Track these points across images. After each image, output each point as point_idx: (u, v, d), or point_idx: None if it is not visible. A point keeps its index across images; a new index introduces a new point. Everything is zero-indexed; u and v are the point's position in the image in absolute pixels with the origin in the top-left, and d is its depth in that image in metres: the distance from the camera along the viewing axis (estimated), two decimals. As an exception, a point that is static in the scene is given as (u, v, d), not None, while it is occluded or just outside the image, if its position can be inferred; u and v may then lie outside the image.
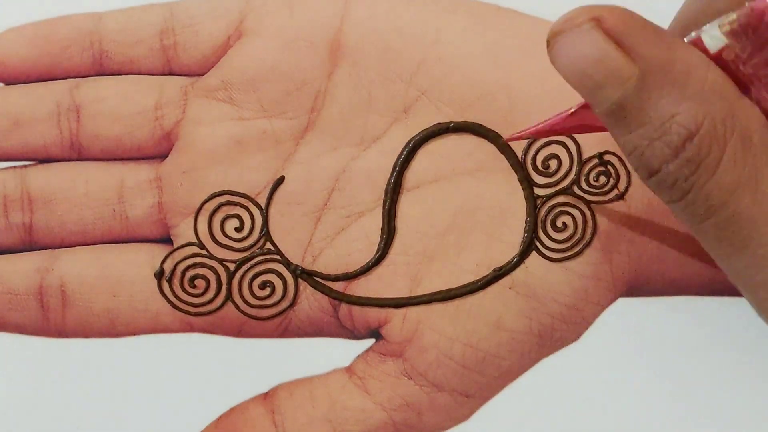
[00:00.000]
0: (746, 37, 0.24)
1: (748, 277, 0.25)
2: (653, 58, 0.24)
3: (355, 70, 0.34)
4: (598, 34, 0.24)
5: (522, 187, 0.33)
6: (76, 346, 0.34)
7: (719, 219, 0.25)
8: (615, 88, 0.25)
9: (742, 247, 0.25)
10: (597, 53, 0.24)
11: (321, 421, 0.33)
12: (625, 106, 0.25)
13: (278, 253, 0.34)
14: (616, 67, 0.24)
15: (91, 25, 0.34)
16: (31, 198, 0.34)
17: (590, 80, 0.25)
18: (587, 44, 0.25)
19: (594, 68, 0.25)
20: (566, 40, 0.25)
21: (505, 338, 0.33)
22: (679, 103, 0.24)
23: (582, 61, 0.25)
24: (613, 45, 0.24)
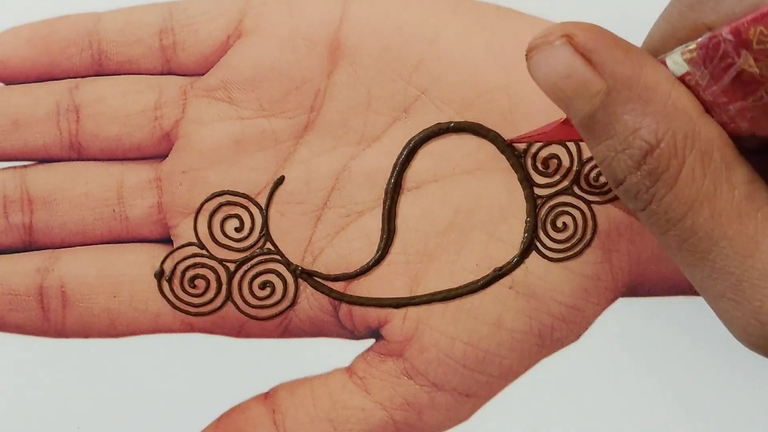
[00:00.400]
0: (704, 67, 0.25)
1: (708, 287, 0.26)
2: (620, 74, 0.25)
3: (355, 69, 0.34)
4: (567, 51, 0.26)
5: (522, 187, 0.33)
6: (76, 346, 0.34)
7: (679, 231, 0.26)
8: (584, 102, 0.26)
9: (702, 259, 0.26)
10: (566, 69, 0.26)
11: (322, 420, 0.33)
12: (593, 119, 0.26)
13: (278, 253, 0.34)
14: (585, 82, 0.26)
15: (91, 25, 0.34)
16: (31, 198, 0.34)
17: (562, 93, 0.26)
18: (558, 60, 0.26)
19: (564, 83, 0.26)
20: (540, 56, 0.26)
21: (505, 338, 0.33)
22: (643, 118, 0.25)
23: (553, 75, 0.26)
24: (581, 61, 0.26)
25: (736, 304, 0.25)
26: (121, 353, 0.34)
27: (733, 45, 0.24)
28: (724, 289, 0.25)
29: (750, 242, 0.25)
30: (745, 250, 0.25)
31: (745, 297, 0.25)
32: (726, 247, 0.25)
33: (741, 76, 0.24)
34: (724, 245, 0.25)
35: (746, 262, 0.25)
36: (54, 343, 0.34)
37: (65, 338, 0.34)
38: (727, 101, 0.25)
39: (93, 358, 0.34)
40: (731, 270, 0.25)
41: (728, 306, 0.25)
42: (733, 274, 0.25)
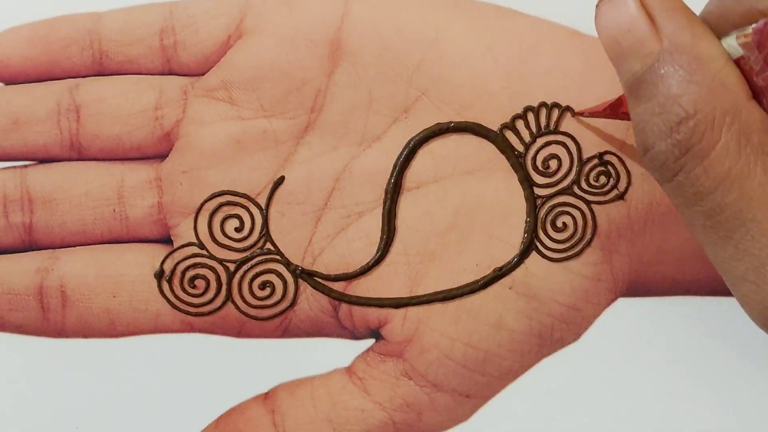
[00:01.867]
0: (759, 52, 0.25)
1: (729, 268, 0.26)
2: (678, 39, 0.25)
3: (355, 69, 0.34)
4: (634, 5, 0.26)
5: (522, 187, 0.33)
6: (76, 346, 0.34)
7: (705, 207, 0.25)
8: (637, 60, 0.26)
9: (727, 238, 0.25)
10: (629, 23, 0.26)
11: (321, 421, 0.33)
12: (642, 80, 0.26)
13: (278, 253, 0.34)
14: (642, 39, 0.26)
15: (91, 25, 0.34)
16: (31, 198, 0.34)
17: (618, 48, 0.26)
18: (623, 12, 0.26)
19: (623, 36, 0.26)
20: (608, 5, 0.27)
21: (505, 338, 0.33)
22: (687, 86, 0.25)
23: (616, 28, 0.26)
24: (645, 18, 0.26)
25: (756, 287, 0.25)
26: (121, 353, 0.34)
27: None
28: (745, 270, 0.25)
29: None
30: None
31: (766, 281, 0.25)
32: (752, 229, 0.25)
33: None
34: (751, 227, 0.25)
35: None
36: (54, 343, 0.34)
37: (65, 338, 0.34)
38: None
39: (93, 358, 0.34)
40: (755, 252, 0.25)
41: (748, 289, 0.25)
42: (757, 257, 0.25)
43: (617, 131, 0.33)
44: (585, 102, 0.33)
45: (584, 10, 0.35)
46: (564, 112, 0.33)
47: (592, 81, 0.33)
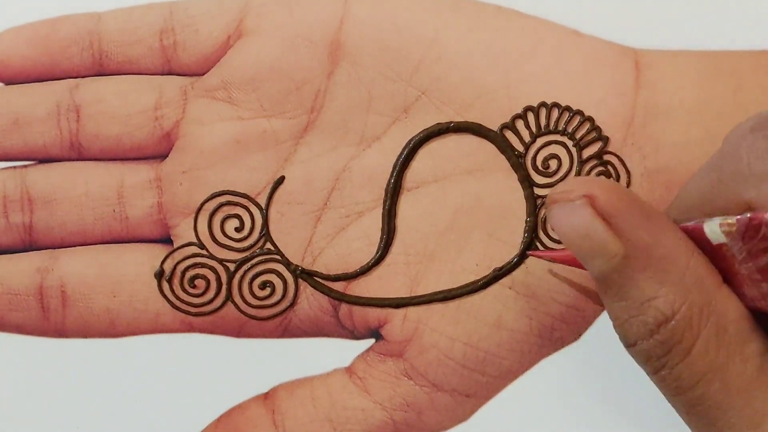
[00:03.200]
0: (743, 243, 0.25)
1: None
2: (639, 240, 0.26)
3: (355, 69, 0.34)
4: (587, 211, 0.26)
5: (522, 187, 0.33)
6: (76, 346, 0.34)
7: (688, 398, 0.26)
8: (601, 262, 0.26)
9: (709, 425, 0.26)
10: (585, 228, 0.26)
11: (321, 420, 0.33)
12: (609, 279, 0.26)
13: (278, 253, 0.34)
14: (603, 243, 0.26)
15: (91, 25, 0.34)
16: (31, 198, 0.34)
17: (579, 250, 0.26)
18: (577, 218, 0.26)
19: (582, 241, 0.26)
20: (560, 211, 0.27)
21: (505, 338, 0.33)
22: (659, 287, 0.26)
23: (572, 232, 0.26)
24: (600, 223, 0.26)
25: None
26: (121, 353, 0.34)
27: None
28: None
29: (757, 415, 0.25)
30: (752, 422, 0.25)
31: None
32: (733, 417, 0.25)
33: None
34: (732, 415, 0.25)
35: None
36: (54, 343, 0.34)
37: (65, 338, 0.34)
38: (761, 279, 0.25)
39: (93, 358, 0.34)
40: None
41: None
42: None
43: (617, 132, 0.33)
44: (585, 102, 0.33)
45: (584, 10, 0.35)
46: (564, 112, 0.33)
47: (592, 81, 0.33)
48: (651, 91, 0.33)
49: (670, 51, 0.34)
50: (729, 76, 0.33)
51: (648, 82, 0.33)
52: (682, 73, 0.33)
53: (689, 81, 0.33)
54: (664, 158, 0.33)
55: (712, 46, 0.34)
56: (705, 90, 0.33)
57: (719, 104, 0.33)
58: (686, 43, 0.34)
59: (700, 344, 0.25)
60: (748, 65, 0.33)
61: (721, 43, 0.34)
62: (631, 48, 0.34)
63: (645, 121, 0.33)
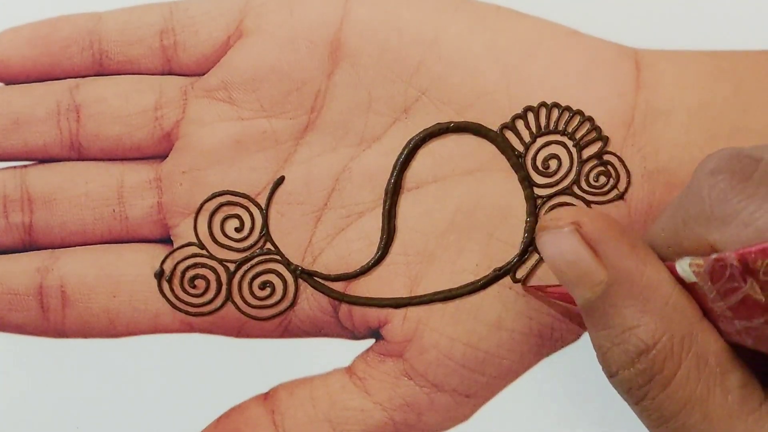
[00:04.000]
0: (711, 283, 0.25)
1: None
2: (623, 268, 0.26)
3: (355, 69, 0.34)
4: (575, 238, 0.27)
5: (522, 187, 0.33)
6: (76, 346, 0.34)
7: (670, 428, 0.26)
8: (585, 289, 0.27)
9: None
10: (572, 255, 0.27)
11: (321, 421, 0.33)
12: (593, 307, 0.27)
13: (278, 253, 0.34)
14: (588, 270, 0.26)
15: (91, 25, 0.34)
16: (31, 198, 0.34)
17: (565, 277, 0.27)
18: (564, 245, 0.27)
19: (568, 267, 0.27)
20: (548, 237, 0.27)
21: (505, 338, 0.33)
22: (641, 315, 0.26)
23: (559, 258, 0.27)
24: (586, 250, 0.27)
25: None
26: (121, 353, 0.34)
27: (739, 271, 0.24)
28: None
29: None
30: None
31: None
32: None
33: (747, 300, 0.25)
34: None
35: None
36: (54, 343, 0.34)
37: (65, 338, 0.34)
38: (733, 317, 0.25)
39: (93, 358, 0.34)
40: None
41: None
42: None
43: (617, 132, 0.33)
44: (584, 102, 0.33)
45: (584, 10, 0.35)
46: (564, 112, 0.33)
47: (592, 81, 0.33)
48: (651, 91, 0.33)
49: (670, 51, 0.34)
50: (729, 76, 0.33)
51: (648, 82, 0.33)
52: (682, 73, 0.33)
53: (689, 81, 0.33)
54: (664, 158, 0.33)
55: (712, 46, 0.34)
56: (705, 90, 0.33)
57: (719, 104, 0.33)
58: (686, 43, 0.34)
59: (681, 374, 0.26)
60: (748, 65, 0.33)
61: (721, 43, 0.34)
62: (631, 48, 0.34)
63: (645, 121, 0.33)
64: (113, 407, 0.34)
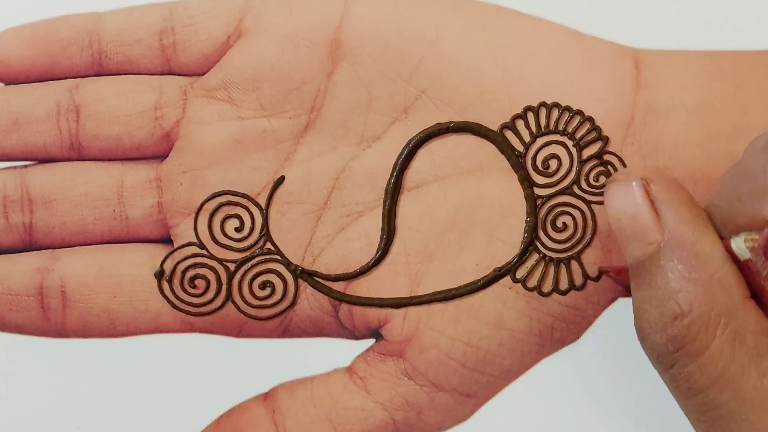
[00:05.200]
0: (765, 259, 0.26)
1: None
2: (678, 234, 0.26)
3: (355, 69, 0.34)
4: (640, 194, 0.27)
5: (522, 186, 0.33)
6: (76, 346, 0.34)
7: (699, 402, 0.26)
8: (639, 246, 0.27)
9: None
10: (633, 210, 0.27)
11: (322, 420, 0.33)
12: (642, 266, 0.27)
13: (278, 253, 0.34)
14: (645, 228, 0.27)
15: (91, 25, 0.34)
16: (31, 198, 0.34)
17: (623, 231, 0.27)
18: (629, 199, 0.27)
19: (627, 222, 0.27)
20: (616, 189, 0.28)
21: (505, 337, 0.33)
22: (685, 283, 0.26)
23: (621, 211, 0.27)
24: (649, 208, 0.27)
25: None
26: (121, 353, 0.34)
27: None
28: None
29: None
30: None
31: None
32: (745, 429, 0.25)
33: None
34: (744, 427, 0.25)
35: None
36: (54, 343, 0.34)
37: (65, 338, 0.34)
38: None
39: (93, 358, 0.34)
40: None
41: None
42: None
43: (617, 132, 0.33)
44: (584, 102, 0.33)
45: (584, 10, 0.35)
46: (564, 112, 0.33)
47: (592, 81, 0.33)
48: (651, 91, 0.33)
49: (670, 51, 0.34)
50: (729, 76, 0.33)
51: (648, 82, 0.33)
52: (682, 73, 0.33)
53: (689, 81, 0.33)
54: (664, 158, 0.33)
55: (712, 46, 0.34)
56: (705, 90, 0.33)
57: (719, 104, 0.33)
58: (686, 43, 0.34)
59: (714, 348, 0.26)
60: (748, 65, 0.33)
61: (721, 43, 0.34)
62: (631, 48, 0.34)
63: (645, 120, 0.33)
64: (113, 407, 0.34)
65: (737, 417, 0.25)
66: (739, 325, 0.26)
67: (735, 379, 0.25)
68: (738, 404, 0.25)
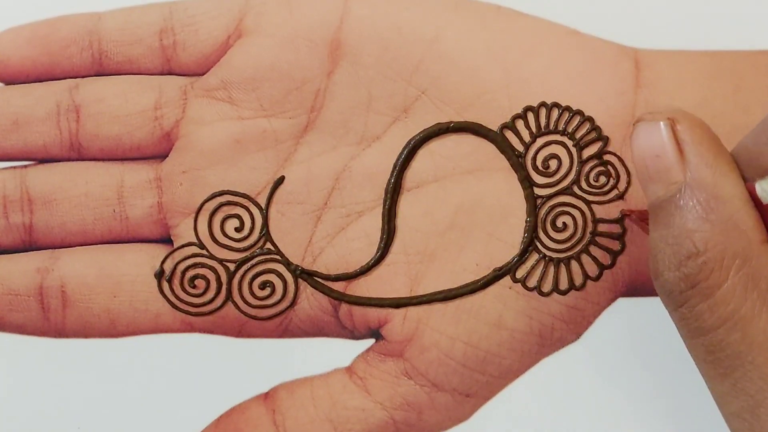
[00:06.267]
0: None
1: (725, 402, 0.26)
2: (700, 175, 0.26)
3: (355, 69, 0.34)
4: (666, 133, 0.27)
5: (522, 187, 0.33)
6: (76, 346, 0.34)
7: (707, 342, 0.26)
8: (660, 186, 0.27)
9: (725, 375, 0.26)
10: (659, 149, 0.27)
11: (322, 420, 0.33)
12: (662, 206, 0.27)
13: (278, 253, 0.34)
14: (669, 168, 0.27)
15: (91, 25, 0.34)
16: (31, 198, 0.34)
17: (646, 171, 0.27)
18: (654, 137, 0.27)
19: (652, 161, 0.27)
20: (642, 127, 0.27)
21: (505, 337, 0.33)
22: (702, 223, 0.26)
23: (647, 150, 0.27)
24: (674, 147, 0.27)
25: (749, 425, 0.26)
26: (121, 353, 0.34)
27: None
28: (740, 408, 0.26)
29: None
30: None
31: (760, 422, 0.25)
32: (751, 371, 0.25)
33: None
34: (750, 369, 0.25)
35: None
36: (54, 343, 0.34)
37: (65, 338, 0.34)
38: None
39: (93, 358, 0.34)
40: (751, 393, 0.25)
41: (742, 426, 0.26)
42: (753, 398, 0.25)
43: (617, 132, 0.33)
44: (584, 102, 0.33)
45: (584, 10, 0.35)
46: (564, 112, 0.33)
47: (592, 81, 0.33)
48: (651, 91, 0.33)
49: (670, 51, 0.34)
50: (729, 76, 0.33)
51: (648, 82, 0.33)
52: (682, 73, 0.33)
53: (689, 81, 0.33)
54: (664, 158, 0.33)
55: (712, 46, 0.34)
56: (705, 90, 0.33)
57: (719, 104, 0.33)
58: (686, 43, 0.34)
59: (726, 289, 0.26)
60: (748, 65, 0.33)
61: (721, 43, 0.34)
62: (631, 48, 0.34)
63: (645, 120, 0.33)
64: (113, 407, 0.34)
65: (744, 359, 0.25)
66: (754, 268, 0.26)
67: (745, 321, 0.25)
68: (746, 346, 0.25)
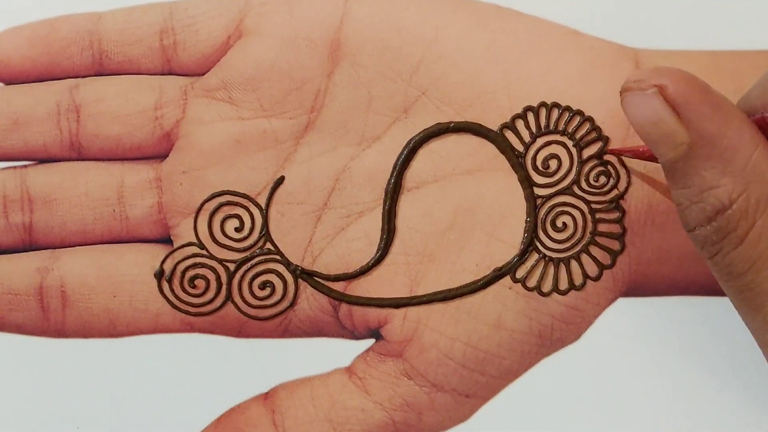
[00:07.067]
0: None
1: (759, 335, 0.28)
2: (705, 130, 0.27)
3: (355, 69, 0.34)
4: (658, 100, 0.27)
5: (522, 187, 0.33)
6: (76, 346, 0.34)
7: (739, 283, 0.27)
8: (668, 149, 0.27)
9: (756, 311, 0.27)
10: (654, 116, 0.27)
11: (321, 420, 0.33)
12: (675, 166, 0.27)
13: (278, 253, 0.34)
14: (670, 132, 0.27)
15: (91, 25, 0.34)
16: (31, 198, 0.34)
17: (649, 137, 0.27)
18: (648, 107, 0.27)
19: (651, 128, 0.27)
20: (632, 99, 0.28)
21: (505, 338, 0.33)
22: (721, 177, 0.27)
23: (643, 119, 0.27)
24: (670, 112, 0.27)
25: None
26: (121, 353, 0.34)
27: None
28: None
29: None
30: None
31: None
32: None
33: None
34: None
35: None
36: (54, 343, 0.34)
37: (65, 338, 0.34)
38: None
39: (93, 358, 0.34)
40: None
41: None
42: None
43: (617, 132, 0.33)
44: (584, 102, 0.33)
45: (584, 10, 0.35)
46: (564, 112, 0.33)
47: (592, 81, 0.33)
48: (651, 91, 0.33)
49: (670, 51, 0.34)
50: (729, 76, 0.33)
51: (648, 82, 0.33)
52: (682, 73, 0.33)
53: (689, 81, 0.33)
54: (664, 158, 0.33)
55: (712, 46, 0.34)
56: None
57: (719, 104, 0.33)
58: (686, 43, 0.34)
59: (753, 233, 0.26)
60: (748, 65, 0.33)
61: (721, 43, 0.34)
62: (631, 48, 0.34)
63: (645, 120, 0.33)
64: (113, 407, 0.34)
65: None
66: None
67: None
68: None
